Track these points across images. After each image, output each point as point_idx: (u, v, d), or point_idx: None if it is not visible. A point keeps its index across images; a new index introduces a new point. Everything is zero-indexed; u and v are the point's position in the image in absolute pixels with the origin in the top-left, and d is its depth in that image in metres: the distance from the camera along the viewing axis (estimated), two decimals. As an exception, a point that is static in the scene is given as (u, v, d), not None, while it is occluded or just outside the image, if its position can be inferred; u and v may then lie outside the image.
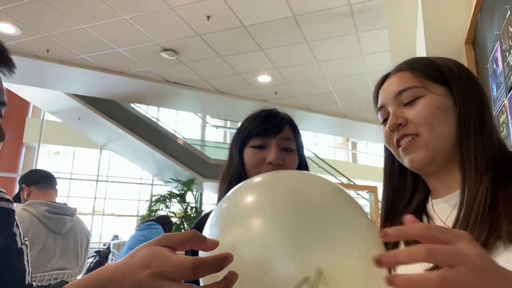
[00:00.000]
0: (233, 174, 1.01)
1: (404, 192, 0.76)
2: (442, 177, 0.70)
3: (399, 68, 0.74)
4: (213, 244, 0.44)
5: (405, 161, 0.70)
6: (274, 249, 0.44)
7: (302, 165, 1.05)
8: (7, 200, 0.69)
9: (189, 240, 0.44)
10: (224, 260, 0.41)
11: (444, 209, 0.69)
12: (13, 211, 0.69)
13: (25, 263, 0.67)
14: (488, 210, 0.58)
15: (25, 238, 0.70)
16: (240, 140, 1.02)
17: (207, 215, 1.09)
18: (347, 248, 0.45)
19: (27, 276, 0.67)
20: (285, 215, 0.46)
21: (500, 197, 0.59)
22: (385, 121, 0.73)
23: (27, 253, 0.69)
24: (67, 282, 0.43)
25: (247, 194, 0.52)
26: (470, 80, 0.71)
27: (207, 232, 0.52)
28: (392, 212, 0.75)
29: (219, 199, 1.04)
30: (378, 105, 0.75)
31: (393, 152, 0.73)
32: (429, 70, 0.70)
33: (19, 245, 0.68)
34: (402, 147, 0.69)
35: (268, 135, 0.99)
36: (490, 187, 0.60)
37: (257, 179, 0.55)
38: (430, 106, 0.67)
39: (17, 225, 0.69)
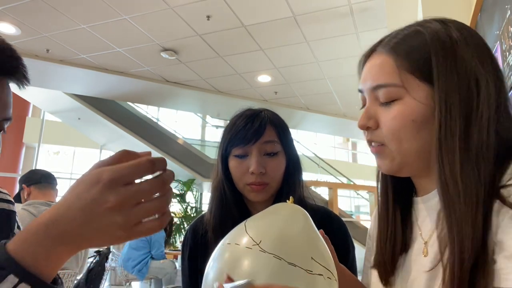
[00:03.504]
0: (219, 182, 0.99)
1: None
2: (418, 179, 0.65)
3: (384, 48, 0.63)
4: (147, 153, 0.43)
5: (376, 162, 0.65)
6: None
7: (292, 164, 0.99)
8: (8, 202, 0.69)
9: (122, 157, 0.42)
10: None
11: (421, 210, 0.65)
12: (14, 212, 0.69)
13: None
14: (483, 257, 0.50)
15: None
16: (223, 149, 0.98)
17: (202, 217, 1.08)
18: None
19: None
20: (269, 256, 0.59)
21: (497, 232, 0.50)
22: (364, 106, 0.66)
23: None
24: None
25: (243, 237, 0.65)
26: (466, 70, 0.56)
27: (210, 264, 0.65)
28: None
29: (211, 203, 1.02)
30: (359, 87, 0.67)
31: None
32: (416, 59, 0.58)
33: None
34: (371, 149, 0.64)
35: (247, 143, 0.93)
36: (484, 220, 0.50)
37: (249, 223, 0.67)
38: (403, 117, 0.58)
39: (18, 227, 0.68)
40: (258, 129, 0.93)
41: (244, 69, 5.57)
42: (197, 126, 11.78)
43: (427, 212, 0.63)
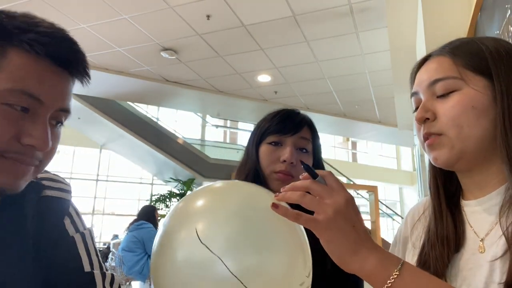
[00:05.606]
0: (249, 169, 1.01)
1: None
2: (473, 176, 0.65)
3: (440, 52, 0.67)
4: None
5: (430, 157, 0.66)
6: (212, 250, 0.51)
7: (316, 167, 1.04)
8: (64, 191, 0.68)
9: None
10: None
11: (472, 213, 0.65)
12: (67, 201, 0.67)
13: (82, 251, 0.65)
14: None
15: (86, 228, 0.68)
16: (258, 136, 1.02)
17: None
18: (272, 256, 0.54)
19: (85, 265, 0.64)
20: (226, 224, 0.54)
21: None
22: (417, 108, 0.67)
23: (85, 240, 0.67)
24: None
25: (200, 200, 0.59)
26: None
27: (160, 229, 0.58)
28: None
29: None
30: (412, 91, 0.69)
31: (420, 145, 0.68)
32: (472, 57, 0.63)
33: (71, 233, 0.66)
34: (427, 142, 0.65)
35: (286, 133, 0.99)
36: None
37: (215, 185, 0.63)
38: (463, 104, 0.61)
39: (69, 215, 0.67)
40: (298, 124, 1.01)
41: (244, 69, 5.57)
42: (197, 126, 11.79)
43: (482, 214, 0.64)
